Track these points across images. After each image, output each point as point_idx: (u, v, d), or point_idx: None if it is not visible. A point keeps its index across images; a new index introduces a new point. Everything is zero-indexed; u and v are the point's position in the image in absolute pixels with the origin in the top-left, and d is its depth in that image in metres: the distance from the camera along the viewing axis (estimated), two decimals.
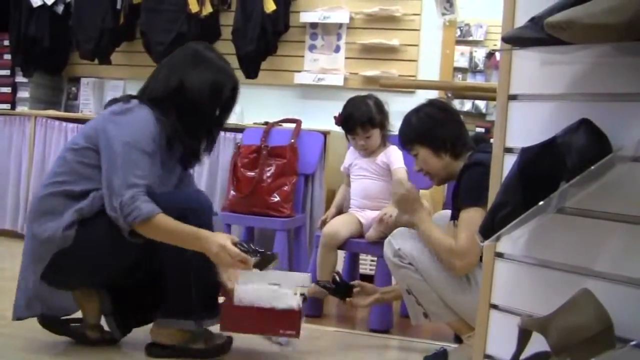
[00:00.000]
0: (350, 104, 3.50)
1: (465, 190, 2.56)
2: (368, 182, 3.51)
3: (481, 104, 6.28)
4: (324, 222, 3.51)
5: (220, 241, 2.39)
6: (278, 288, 2.49)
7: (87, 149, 2.50)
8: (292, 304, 2.44)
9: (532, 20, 1.51)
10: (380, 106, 3.48)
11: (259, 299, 2.45)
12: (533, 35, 1.49)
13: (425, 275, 2.59)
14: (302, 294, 2.55)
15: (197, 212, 2.50)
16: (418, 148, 2.74)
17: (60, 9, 5.18)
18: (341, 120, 3.50)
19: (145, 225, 2.37)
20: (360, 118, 3.41)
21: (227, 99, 2.68)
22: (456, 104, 6.07)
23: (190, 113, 2.58)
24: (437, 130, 2.71)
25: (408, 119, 2.80)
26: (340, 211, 3.62)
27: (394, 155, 3.48)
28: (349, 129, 3.48)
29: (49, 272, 2.46)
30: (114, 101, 2.64)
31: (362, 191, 3.52)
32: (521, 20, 1.60)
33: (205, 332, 2.58)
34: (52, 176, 2.55)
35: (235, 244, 2.41)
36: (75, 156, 2.51)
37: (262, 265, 2.50)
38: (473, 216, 2.45)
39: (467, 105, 6.31)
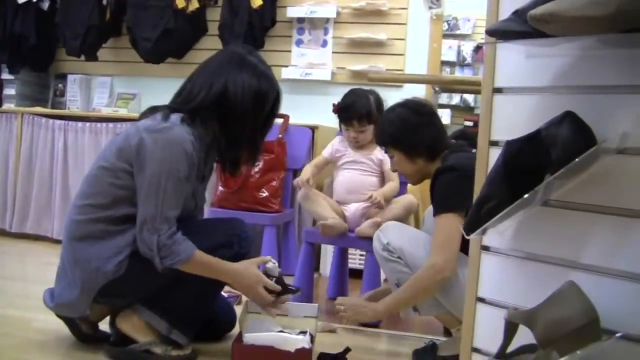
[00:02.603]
0: (352, 95, 3.49)
1: (438, 197, 2.57)
2: (357, 176, 3.51)
3: (469, 97, 6.30)
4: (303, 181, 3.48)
5: (255, 279, 2.49)
6: (286, 335, 2.49)
7: (121, 170, 2.42)
8: (304, 345, 2.45)
9: (516, 13, 1.51)
10: (380, 104, 3.46)
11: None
12: (517, 29, 1.48)
13: (414, 269, 2.59)
14: (310, 334, 2.55)
15: (241, 240, 2.57)
16: (392, 151, 2.75)
17: (45, 5, 5.16)
18: (339, 109, 3.50)
19: (184, 265, 2.37)
20: (359, 111, 3.41)
21: (271, 108, 2.58)
22: (444, 97, 6.09)
23: (232, 121, 2.48)
24: (410, 135, 2.69)
25: (383, 121, 2.80)
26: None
27: None
28: (345, 119, 3.48)
29: (96, 295, 2.44)
30: (153, 110, 2.51)
31: (348, 184, 3.50)
32: (505, 13, 1.60)
33: (170, 342, 2.48)
34: (85, 197, 2.48)
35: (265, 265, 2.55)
36: (108, 177, 2.44)
37: (282, 294, 2.56)
38: (446, 223, 2.46)
39: (455, 99, 6.33)
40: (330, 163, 3.64)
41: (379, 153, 3.50)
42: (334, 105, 3.53)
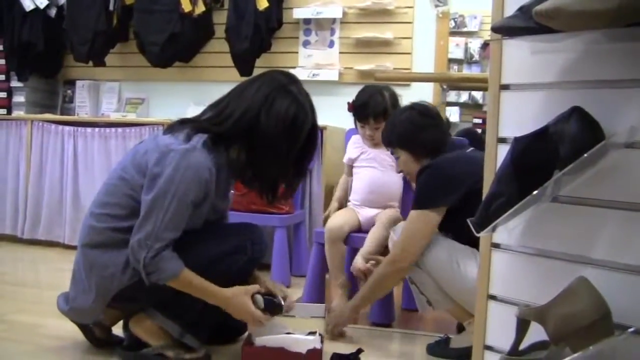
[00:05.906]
0: (367, 92, 3.46)
1: (415, 195, 2.74)
2: (379, 174, 3.49)
3: (477, 94, 6.27)
4: (327, 218, 3.50)
5: (242, 309, 2.44)
6: (297, 336, 2.50)
7: (138, 184, 2.40)
8: (315, 346, 2.45)
9: (521, 9, 1.51)
10: (395, 100, 3.45)
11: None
12: (522, 25, 1.49)
13: (424, 267, 2.65)
14: (320, 334, 2.56)
15: (255, 245, 2.58)
16: (399, 151, 2.87)
17: (53, 12, 5.18)
18: (355, 106, 3.48)
19: (170, 282, 2.35)
20: (375, 108, 3.39)
21: (305, 140, 2.49)
22: (452, 95, 6.07)
23: (260, 150, 2.43)
24: (418, 136, 2.82)
25: (392, 123, 2.91)
26: (341, 205, 3.62)
27: None
28: (362, 117, 3.46)
29: (111, 300, 2.46)
30: (181, 123, 2.49)
31: (370, 183, 3.48)
32: (510, 9, 1.60)
33: (183, 346, 2.49)
34: (103, 206, 2.48)
35: (253, 294, 2.47)
36: (126, 188, 2.43)
37: (273, 313, 2.54)
38: (415, 220, 2.66)
39: (464, 97, 6.30)
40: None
41: None
42: (348, 103, 3.50)
